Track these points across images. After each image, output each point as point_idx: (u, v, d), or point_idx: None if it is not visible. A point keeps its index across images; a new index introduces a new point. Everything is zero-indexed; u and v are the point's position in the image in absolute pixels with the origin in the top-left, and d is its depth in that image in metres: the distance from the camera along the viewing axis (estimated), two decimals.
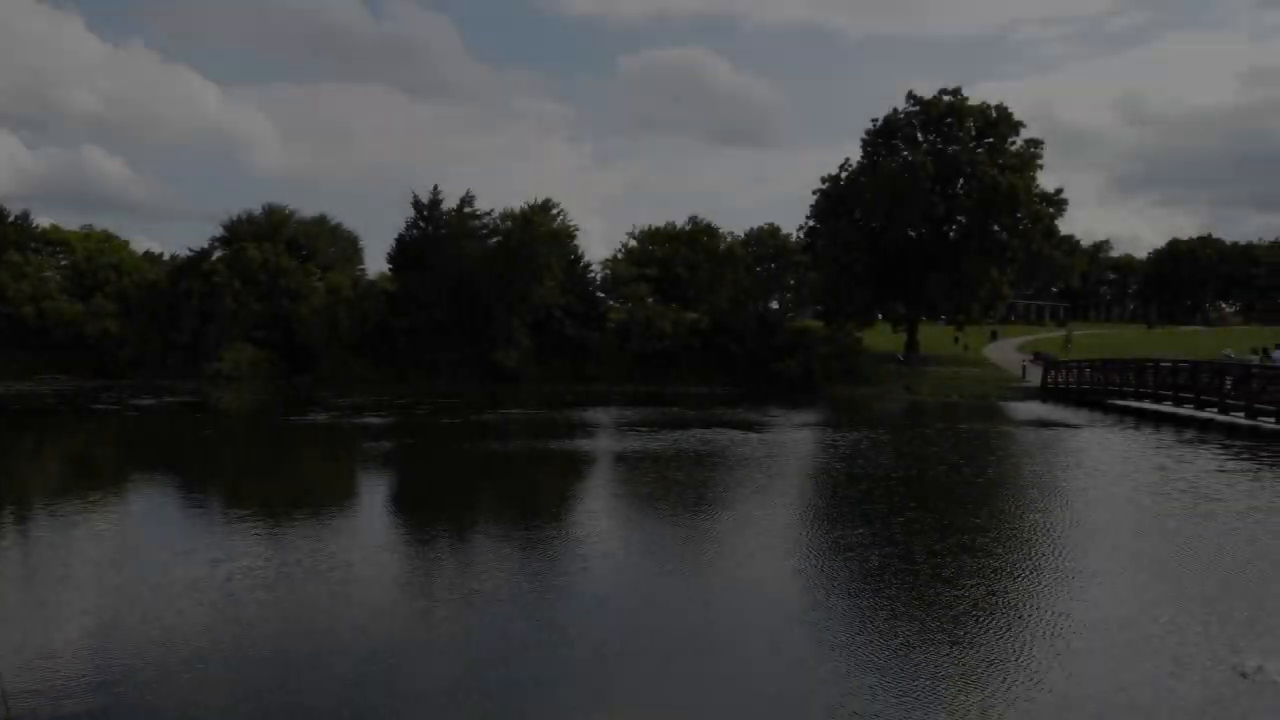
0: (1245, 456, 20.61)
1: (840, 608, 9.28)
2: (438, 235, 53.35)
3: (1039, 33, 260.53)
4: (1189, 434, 26.46)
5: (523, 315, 51.32)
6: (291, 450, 24.24)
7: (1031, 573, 10.63)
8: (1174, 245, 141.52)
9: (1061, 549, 11.88)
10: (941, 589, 9.72)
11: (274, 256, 56.07)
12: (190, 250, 58.24)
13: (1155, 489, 16.35)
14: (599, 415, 32.96)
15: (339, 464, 21.88)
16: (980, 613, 8.94)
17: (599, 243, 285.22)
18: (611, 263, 65.28)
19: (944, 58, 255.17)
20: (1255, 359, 35.78)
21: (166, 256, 67.24)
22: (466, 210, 53.85)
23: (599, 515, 14.53)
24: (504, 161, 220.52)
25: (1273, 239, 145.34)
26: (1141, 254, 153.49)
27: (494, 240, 53.18)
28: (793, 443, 24.21)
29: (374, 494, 16.68)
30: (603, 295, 59.35)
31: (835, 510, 14.66)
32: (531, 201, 51.97)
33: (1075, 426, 29.19)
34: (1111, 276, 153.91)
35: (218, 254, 57.45)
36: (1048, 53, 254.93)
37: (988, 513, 14.67)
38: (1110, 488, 16.71)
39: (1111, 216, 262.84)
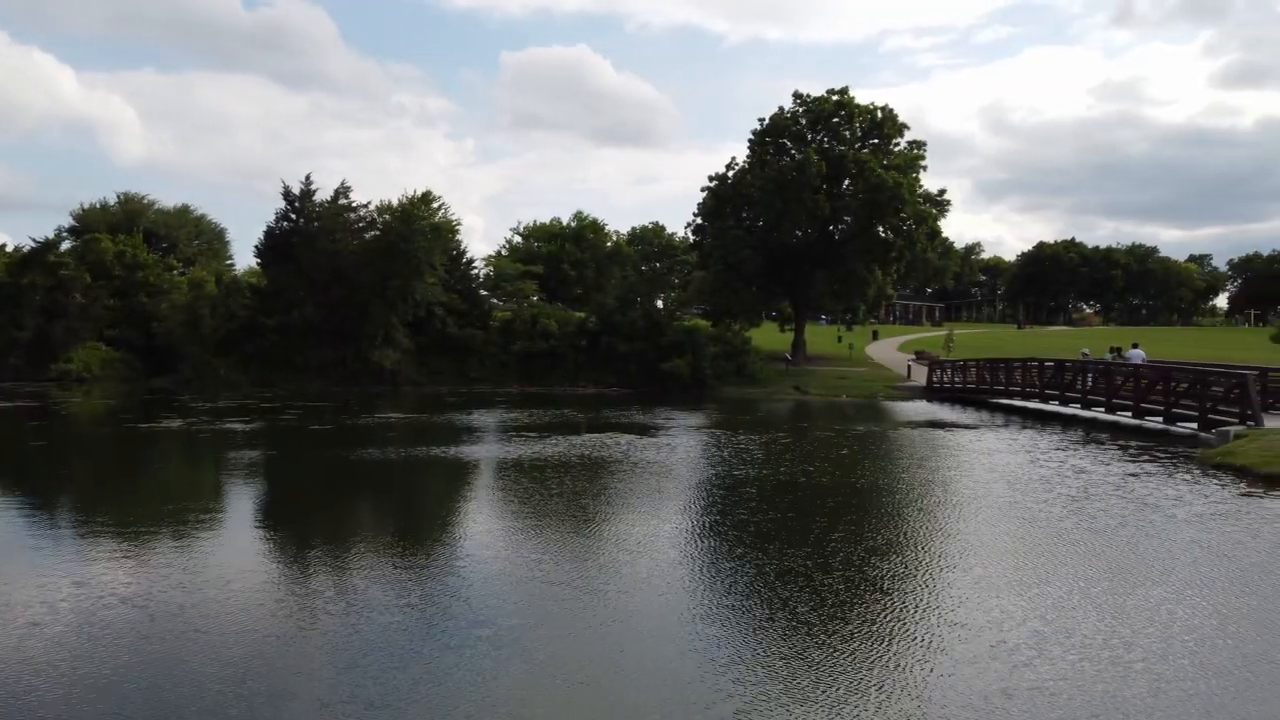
0: (1145, 459, 20.49)
1: (745, 648, 8.14)
2: (310, 228, 50.53)
3: (910, 43, 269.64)
4: (1077, 433, 26.56)
5: (402, 313, 49.05)
6: (126, 463, 21.88)
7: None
8: (1040, 248, 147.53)
9: (1013, 561, 11.11)
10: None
11: (130, 249, 52.27)
12: (34, 241, 53.81)
13: (1084, 494, 15.86)
14: (483, 418, 31.35)
15: (185, 479, 19.76)
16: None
17: (482, 241, 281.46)
18: (496, 259, 63.46)
19: (822, 64, 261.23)
20: (1110, 357, 36.92)
21: (10, 248, 62.13)
22: (341, 202, 51.22)
23: (482, 533, 13.12)
24: (383, 156, 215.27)
25: (1128, 244, 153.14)
26: (1007, 257, 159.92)
27: (371, 234, 50.71)
28: (688, 447, 23.16)
29: (229, 513, 14.81)
30: (486, 293, 57.46)
31: (740, 525, 13.59)
32: (411, 194, 49.72)
33: (971, 427, 29.06)
34: (982, 278, 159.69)
35: (66, 245, 53.21)
36: (918, 62, 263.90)
37: (917, 524, 13.82)
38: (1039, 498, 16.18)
39: (978, 221, 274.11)
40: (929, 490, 16.70)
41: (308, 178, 51.75)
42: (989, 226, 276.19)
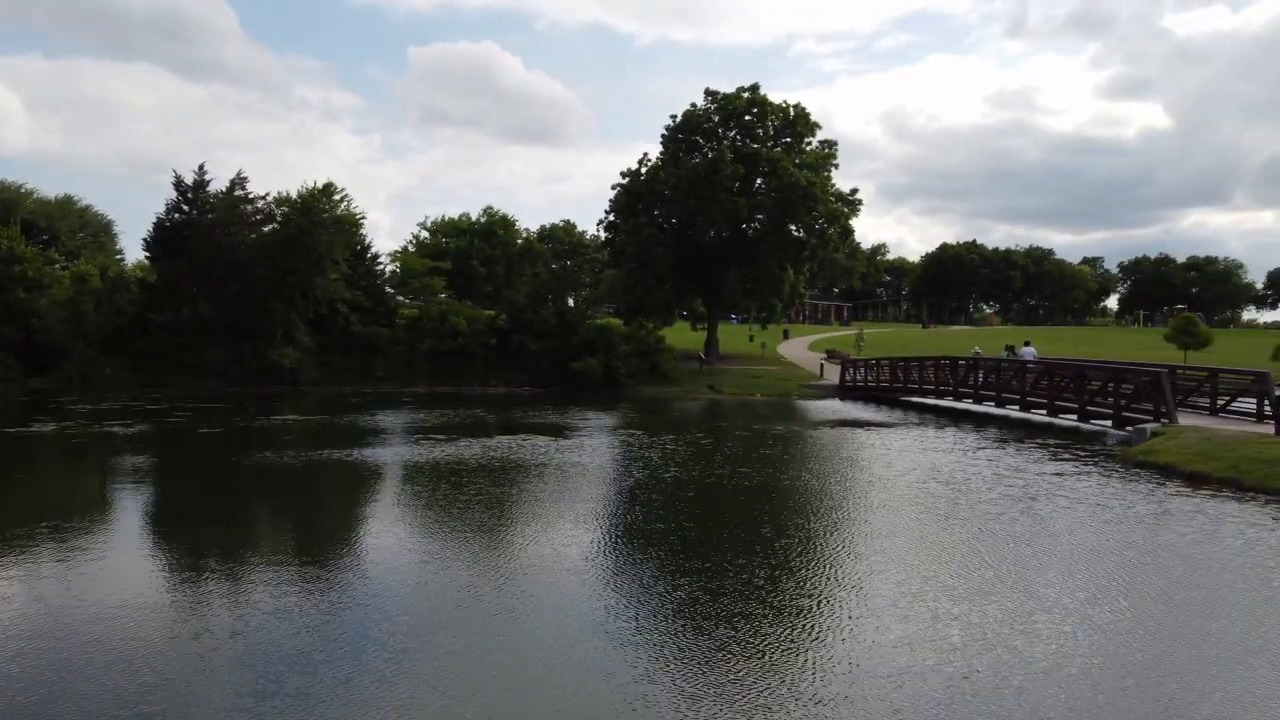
0: (1069, 457, 20.32)
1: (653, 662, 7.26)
2: (203, 220, 47.94)
3: (815, 48, 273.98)
4: (996, 431, 26.45)
5: (302, 310, 46.90)
6: None
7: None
8: (943, 250, 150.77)
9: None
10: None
11: (5, 241, 48.90)
12: None
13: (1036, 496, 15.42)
14: (388, 420, 29.89)
15: (59, 490, 18.01)
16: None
17: (389, 238, 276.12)
18: (403, 255, 61.46)
19: (730, 67, 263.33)
20: (1005, 355, 37.70)
21: None
22: (238, 193, 48.72)
23: (384, 543, 11.99)
24: (284, 150, 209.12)
25: (1026, 246, 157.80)
26: (910, 259, 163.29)
27: (269, 227, 48.36)
28: (603, 449, 22.23)
29: (111, 527, 13.30)
30: (392, 290, 55.53)
31: (656, 532, 12.73)
32: (311, 185, 47.55)
33: (890, 426, 28.81)
34: (887, 278, 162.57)
35: None
36: (823, 67, 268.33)
37: (855, 529, 13.12)
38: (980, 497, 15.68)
39: (881, 224, 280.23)
40: (864, 492, 16.12)
41: (201, 167, 49.23)
42: (891, 229, 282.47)
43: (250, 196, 49.08)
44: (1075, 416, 26.80)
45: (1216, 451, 17.43)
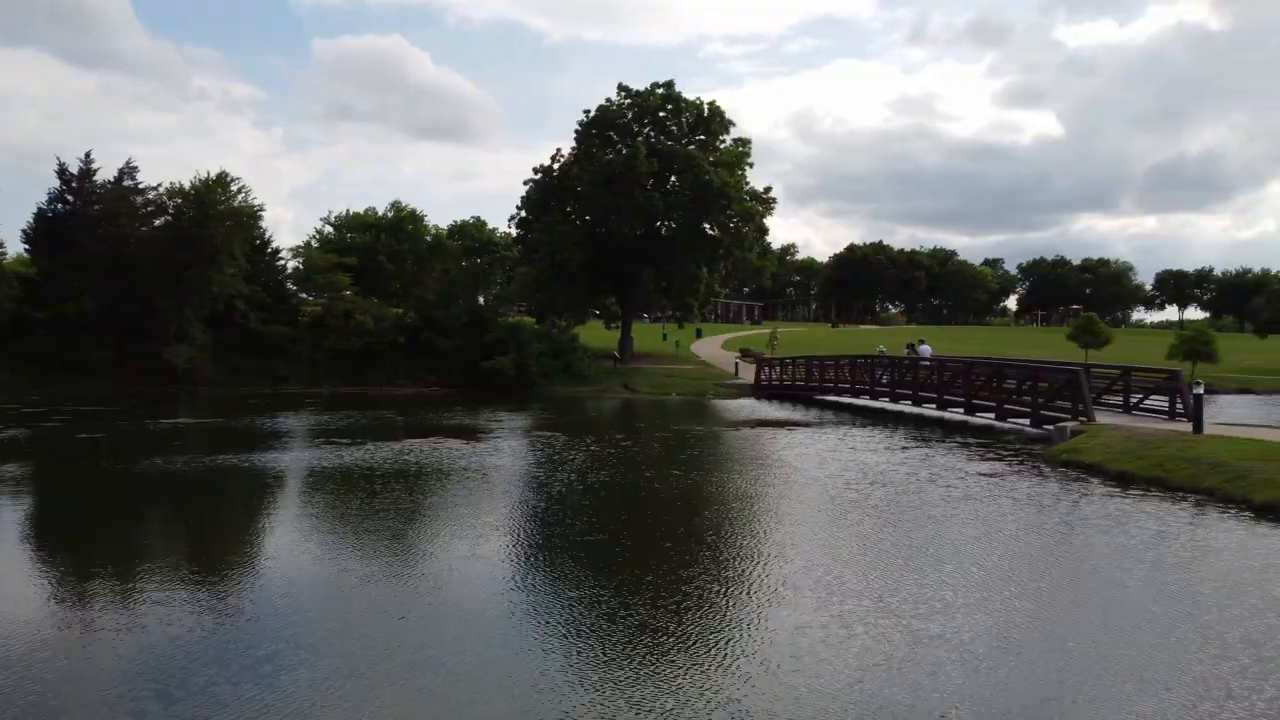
0: (994, 457, 20.13)
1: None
2: (89, 211, 45.16)
3: (724, 50, 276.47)
4: (916, 430, 26.28)
5: (197, 307, 44.52)
6: None
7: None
8: (851, 250, 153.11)
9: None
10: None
11: None
12: None
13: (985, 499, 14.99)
14: (290, 422, 28.34)
15: None
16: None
17: (292, 234, 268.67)
18: (305, 250, 59.12)
19: (641, 67, 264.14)
20: (906, 352, 38.24)
21: None
22: (127, 183, 46.06)
23: (282, 555, 10.95)
24: (182, 143, 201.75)
25: (930, 248, 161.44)
26: (818, 259, 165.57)
27: (161, 219, 45.83)
28: (516, 452, 21.27)
29: None
30: (295, 287, 53.35)
31: (573, 541, 11.92)
32: (205, 176, 45.22)
33: (810, 425, 28.48)
34: (796, 278, 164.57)
35: None
36: (732, 69, 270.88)
37: (792, 533, 12.46)
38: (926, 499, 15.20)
39: (788, 224, 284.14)
40: (799, 494, 15.54)
41: (87, 155, 46.34)
42: (798, 230, 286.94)
43: (141, 187, 46.51)
44: (993, 415, 26.83)
45: (1141, 450, 17.37)
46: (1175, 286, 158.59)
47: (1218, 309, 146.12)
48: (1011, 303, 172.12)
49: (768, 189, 54.54)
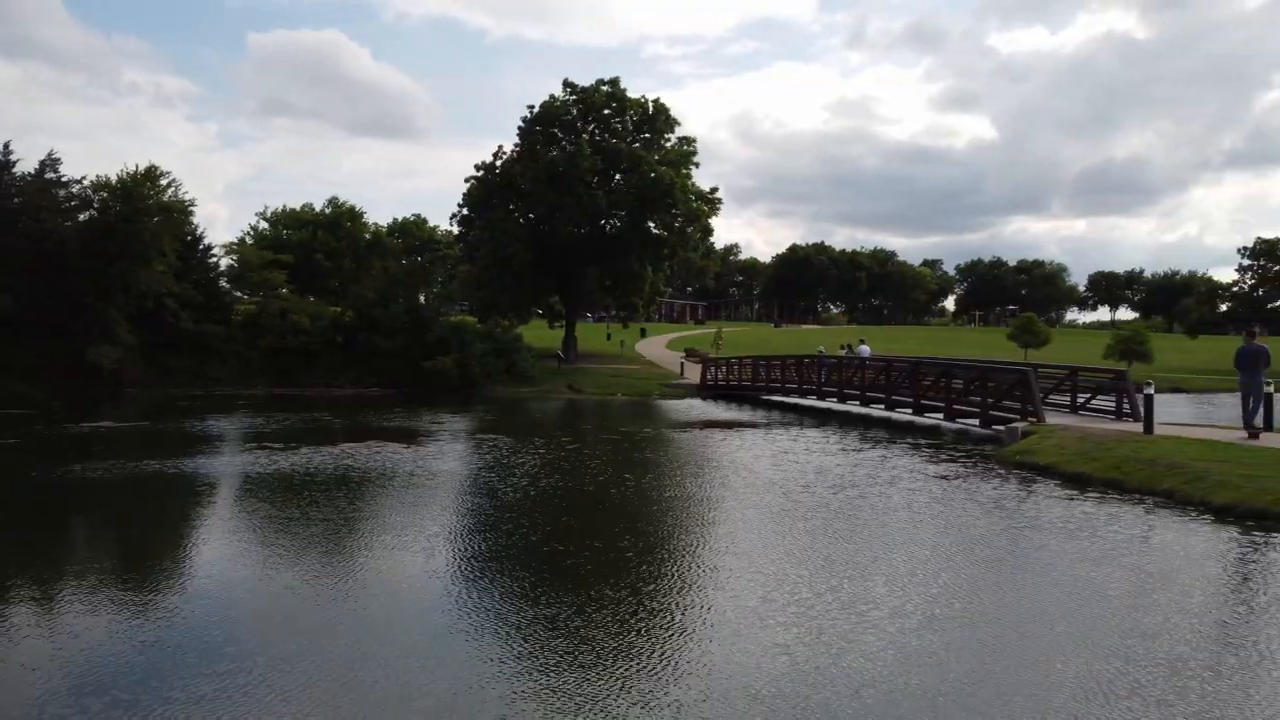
0: (946, 459, 19.88)
1: None
2: (9, 205, 43.19)
3: (665, 51, 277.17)
4: (868, 431, 26.03)
5: (124, 305, 42.84)
6: None
7: None
8: (793, 250, 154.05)
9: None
10: None
11: None
12: None
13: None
14: (221, 425, 27.20)
15: None
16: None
17: (226, 230, 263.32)
18: (239, 247, 57.36)
19: (583, 66, 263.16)
20: (844, 352, 38.40)
21: None
22: (49, 176, 44.18)
23: (212, 568, 10.16)
24: (112, 137, 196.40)
25: (871, 249, 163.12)
26: (760, 259, 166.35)
27: (86, 214, 44.03)
28: (460, 456, 20.54)
29: None
30: (228, 285, 51.70)
31: (519, 553, 11.31)
32: (133, 169, 43.52)
33: (760, 426, 28.11)
34: (739, 278, 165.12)
35: None
36: (673, 70, 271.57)
37: (756, 542, 11.94)
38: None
39: (729, 225, 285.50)
40: (759, 499, 15.04)
41: (6, 146, 44.38)
42: (740, 231, 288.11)
43: (64, 180, 44.67)
44: (941, 415, 26.71)
45: (1095, 452, 17.22)
46: (1107, 287, 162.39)
47: (1147, 309, 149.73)
48: (950, 303, 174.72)
49: (714, 189, 54.32)
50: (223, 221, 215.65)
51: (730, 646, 7.59)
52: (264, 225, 72.82)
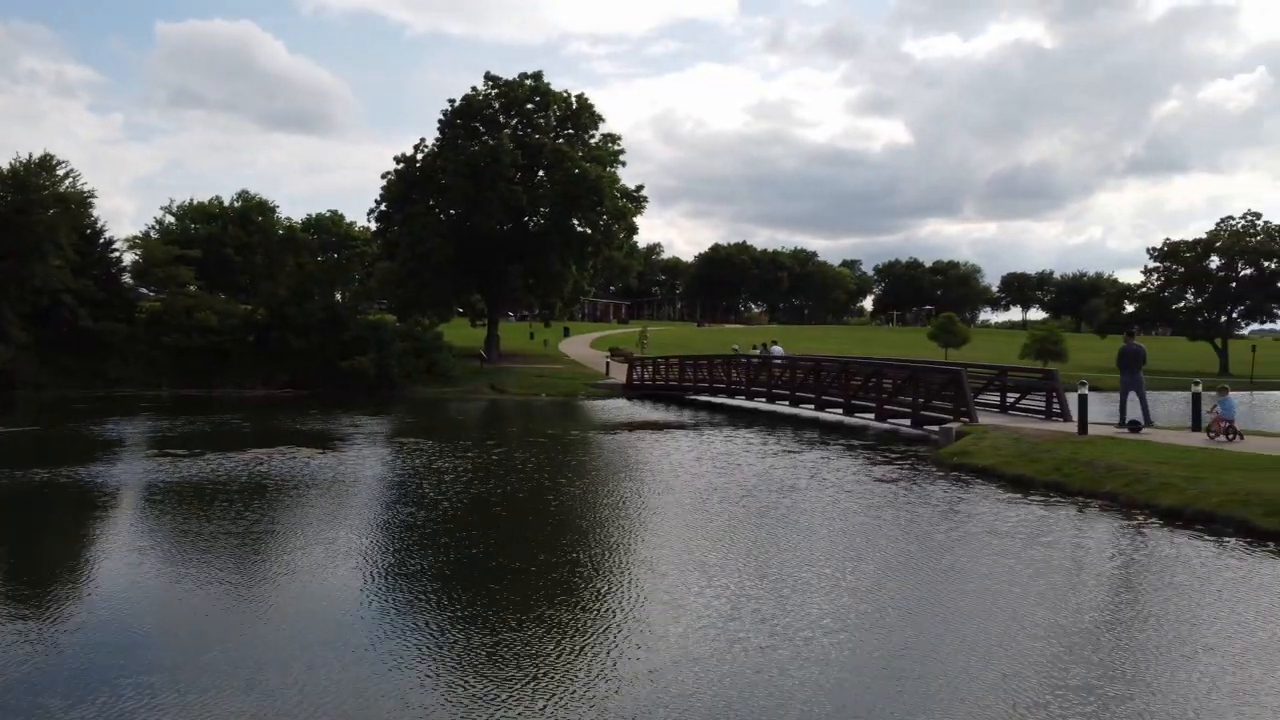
0: (884, 460, 19.52)
1: None
2: None
3: (588, 49, 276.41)
4: (799, 432, 25.65)
5: (17, 302, 40.38)
6: None
7: None
8: (716, 250, 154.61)
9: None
10: None
11: None
12: None
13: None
14: (122, 429, 25.56)
15: None
16: None
17: (133, 225, 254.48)
18: (143, 242, 54.71)
19: (505, 63, 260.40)
20: (758, 351, 38.42)
21: None
22: None
23: (111, 583, 9.17)
24: (7, 126, 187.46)
25: (793, 249, 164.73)
26: (683, 259, 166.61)
27: None
28: (378, 462, 19.48)
29: None
30: (132, 281, 49.23)
31: (444, 569, 10.49)
32: (26, 158, 41.08)
33: (690, 428, 27.51)
34: (662, 277, 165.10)
35: None
36: (596, 69, 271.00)
37: (709, 552, 11.24)
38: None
39: (651, 225, 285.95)
40: (700, 506, 14.39)
41: None
42: (661, 230, 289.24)
43: None
44: (872, 415, 26.49)
45: (1032, 453, 17.01)
46: (1019, 288, 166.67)
47: (1057, 310, 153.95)
48: (868, 303, 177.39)
49: (639, 187, 53.63)
50: (129, 216, 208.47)
51: (697, 676, 6.90)
52: (169, 219, 69.89)
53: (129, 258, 49.61)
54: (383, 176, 52.99)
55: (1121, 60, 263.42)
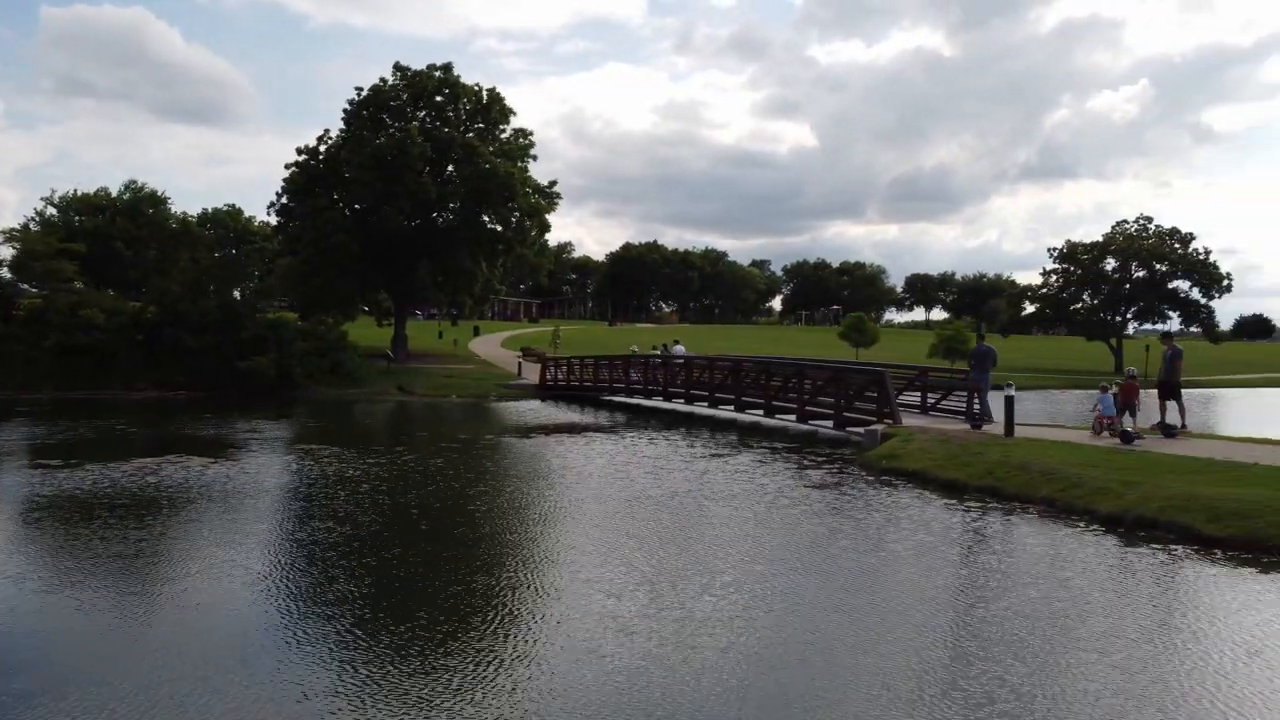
0: (811, 465, 19.05)
1: None
2: None
3: (497, 45, 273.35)
4: (718, 435, 25.09)
5: None
6: None
7: None
8: (627, 249, 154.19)
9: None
10: None
11: None
12: None
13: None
14: None
15: None
16: None
17: (15, 218, 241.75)
18: (22, 234, 51.35)
19: (411, 57, 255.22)
20: (659, 351, 38.20)
21: None
22: None
23: None
24: None
25: (704, 248, 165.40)
26: (594, 258, 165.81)
27: None
28: (278, 471, 18.19)
29: None
30: (11, 276, 46.11)
31: (355, 594, 9.52)
32: None
33: (608, 430, 26.72)
34: (573, 276, 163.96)
35: None
36: (505, 66, 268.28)
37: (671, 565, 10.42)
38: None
39: (561, 224, 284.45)
40: (629, 512, 13.59)
41: None
42: (571, 229, 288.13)
43: None
44: (794, 417, 26.10)
45: (962, 456, 16.72)
46: (922, 289, 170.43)
47: (959, 310, 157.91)
48: (777, 303, 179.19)
49: (552, 183, 52.56)
50: (11, 208, 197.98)
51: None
52: (52, 211, 66.05)
53: (6, 251, 46.50)
54: (286, 168, 50.82)
55: (1015, 70, 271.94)
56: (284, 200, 51.44)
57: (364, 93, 49.78)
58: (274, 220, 55.20)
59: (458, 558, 11.09)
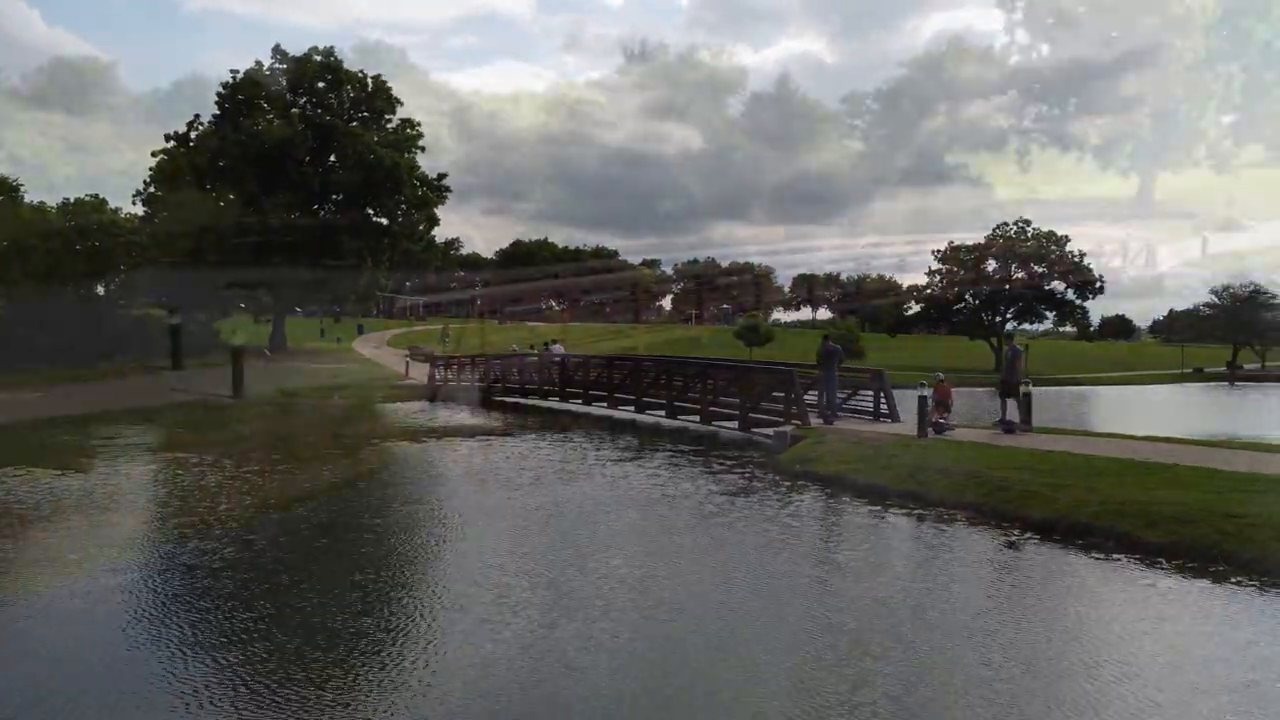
0: (722, 468, 18.26)
1: None
2: None
3: (384, 37, 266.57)
4: (617, 437, 24.11)
5: None
6: None
7: None
8: (517, 245, 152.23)
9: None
10: None
11: None
12: None
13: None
14: None
15: None
16: None
17: None
18: None
19: (293, 47, 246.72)
20: (539, 351, 37.67)
21: None
22: None
23: None
24: None
25: (595, 246, 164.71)
26: (480, 255, 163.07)
27: None
28: (138, 483, 16.44)
29: None
30: None
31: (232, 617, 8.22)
32: None
33: (510, 434, 25.44)
34: (461, 273, 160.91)
35: None
36: (392, 58, 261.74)
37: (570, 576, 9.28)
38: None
39: (448, 221, 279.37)
40: (547, 523, 12.48)
41: None
42: (459, 226, 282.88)
43: None
44: (696, 418, 25.31)
45: (877, 458, 16.13)
46: (809, 289, 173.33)
47: (844, 310, 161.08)
48: (667, 302, 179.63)
49: (442, 175, 50.82)
50: None
51: None
52: None
53: None
54: (153, 155, 47.69)
55: (893, 77, 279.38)
56: (151, 189, 48.32)
57: (239, 76, 47.17)
58: (140, 211, 51.86)
59: (357, 584, 9.79)
